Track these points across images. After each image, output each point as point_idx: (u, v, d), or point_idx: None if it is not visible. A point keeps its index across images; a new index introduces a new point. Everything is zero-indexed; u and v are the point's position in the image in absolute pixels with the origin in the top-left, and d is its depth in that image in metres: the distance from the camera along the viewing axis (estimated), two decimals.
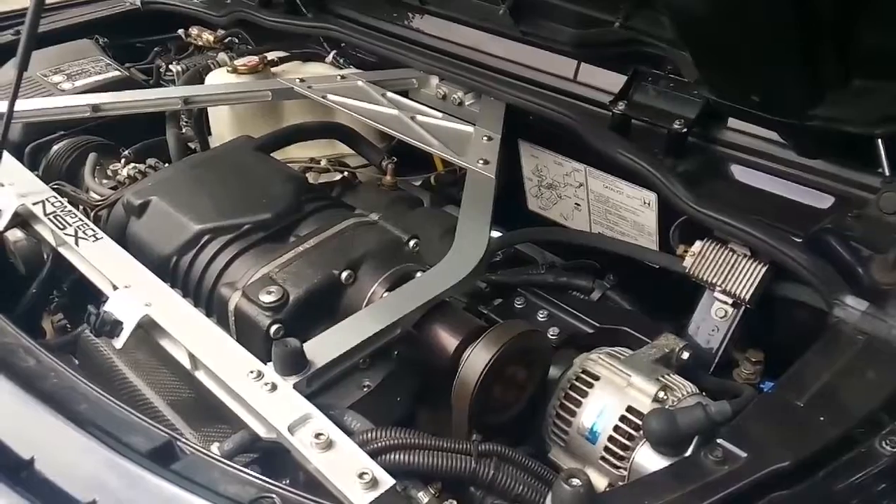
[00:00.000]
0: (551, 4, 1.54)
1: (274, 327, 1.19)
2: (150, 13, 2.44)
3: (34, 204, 1.45)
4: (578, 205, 1.82)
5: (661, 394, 1.10)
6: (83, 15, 2.42)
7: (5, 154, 1.55)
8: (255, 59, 2.00)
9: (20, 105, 1.70)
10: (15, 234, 1.60)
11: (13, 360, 1.10)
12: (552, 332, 1.32)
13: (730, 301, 1.37)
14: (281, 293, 1.21)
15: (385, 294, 1.25)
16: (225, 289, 1.28)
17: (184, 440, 0.94)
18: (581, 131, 1.58)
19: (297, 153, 1.92)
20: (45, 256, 1.63)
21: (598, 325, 1.33)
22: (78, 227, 1.39)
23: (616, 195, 1.71)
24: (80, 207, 1.65)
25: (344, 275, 1.26)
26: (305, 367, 1.08)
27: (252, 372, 1.07)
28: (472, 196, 1.46)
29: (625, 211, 1.72)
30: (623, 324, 1.33)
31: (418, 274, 1.29)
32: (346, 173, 1.89)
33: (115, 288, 1.26)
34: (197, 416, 1.29)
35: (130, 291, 1.24)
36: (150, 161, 1.78)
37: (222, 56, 2.11)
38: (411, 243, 1.35)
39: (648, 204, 1.65)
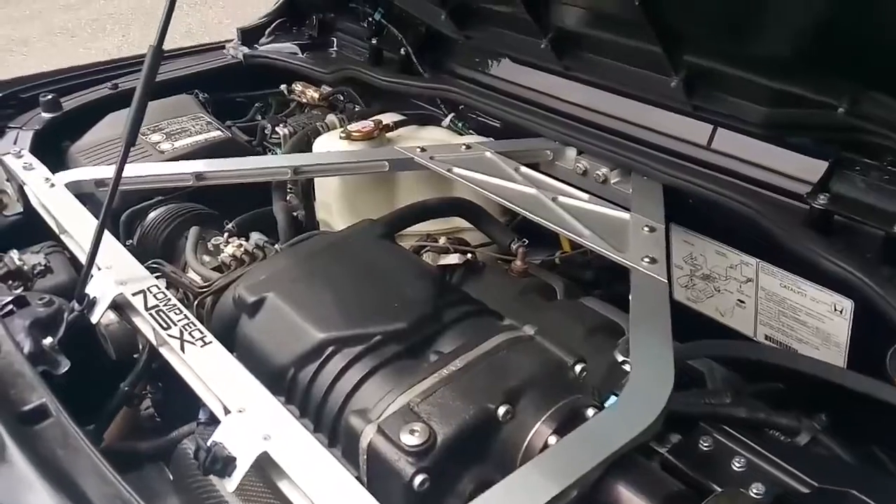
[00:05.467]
0: (741, 80, 1.29)
1: (419, 478, 0.96)
2: (251, 67, 2.31)
3: (134, 295, 1.28)
4: (742, 301, 1.55)
5: None
6: (182, 68, 2.30)
7: (105, 233, 1.40)
8: (370, 124, 1.82)
9: None
10: (107, 317, 1.44)
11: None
12: (756, 490, 1.04)
13: None
14: (427, 433, 0.98)
15: (552, 437, 1.01)
16: (355, 418, 1.06)
17: None
18: (766, 225, 1.32)
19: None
20: (141, 346, 1.46)
21: (815, 483, 1.05)
22: (184, 327, 1.20)
23: (795, 296, 1.44)
24: (180, 291, 1.49)
25: (501, 410, 1.03)
26: None
27: None
28: (643, 306, 1.21)
29: (805, 315, 1.45)
30: (848, 484, 1.04)
31: (590, 411, 1.04)
32: (469, 256, 1.68)
33: (226, 412, 1.06)
34: None
35: (245, 418, 1.04)
36: (256, 238, 1.59)
37: (331, 118, 1.95)
38: (577, 368, 1.11)
39: (840, 311, 1.38)
